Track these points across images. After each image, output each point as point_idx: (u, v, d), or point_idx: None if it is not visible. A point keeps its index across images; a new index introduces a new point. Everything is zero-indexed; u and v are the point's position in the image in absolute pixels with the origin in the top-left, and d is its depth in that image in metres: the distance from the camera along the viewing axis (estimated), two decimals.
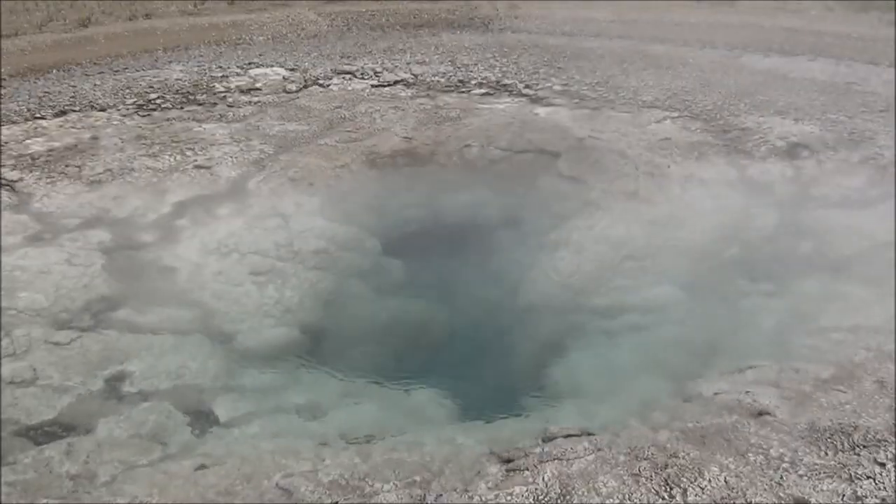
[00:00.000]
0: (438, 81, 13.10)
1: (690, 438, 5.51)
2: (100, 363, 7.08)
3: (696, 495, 4.87)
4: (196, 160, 10.29)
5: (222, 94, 12.46)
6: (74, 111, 11.58)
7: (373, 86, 13.03)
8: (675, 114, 11.78)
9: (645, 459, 5.29)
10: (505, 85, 13.00)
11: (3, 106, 11.61)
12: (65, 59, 13.91)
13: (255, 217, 9.46)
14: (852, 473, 5.00)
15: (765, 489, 4.89)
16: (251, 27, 16.07)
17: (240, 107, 12.03)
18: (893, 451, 5.17)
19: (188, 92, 12.48)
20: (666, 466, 5.19)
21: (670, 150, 10.68)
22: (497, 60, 14.10)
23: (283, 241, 9.16)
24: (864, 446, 5.27)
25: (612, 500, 4.91)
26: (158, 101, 12.05)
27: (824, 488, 4.87)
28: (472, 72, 13.55)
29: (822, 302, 7.86)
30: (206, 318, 8.01)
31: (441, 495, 5.14)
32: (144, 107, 11.85)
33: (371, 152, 10.85)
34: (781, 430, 5.53)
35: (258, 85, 12.94)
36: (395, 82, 13.14)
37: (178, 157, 10.31)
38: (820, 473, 5.01)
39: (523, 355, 8.22)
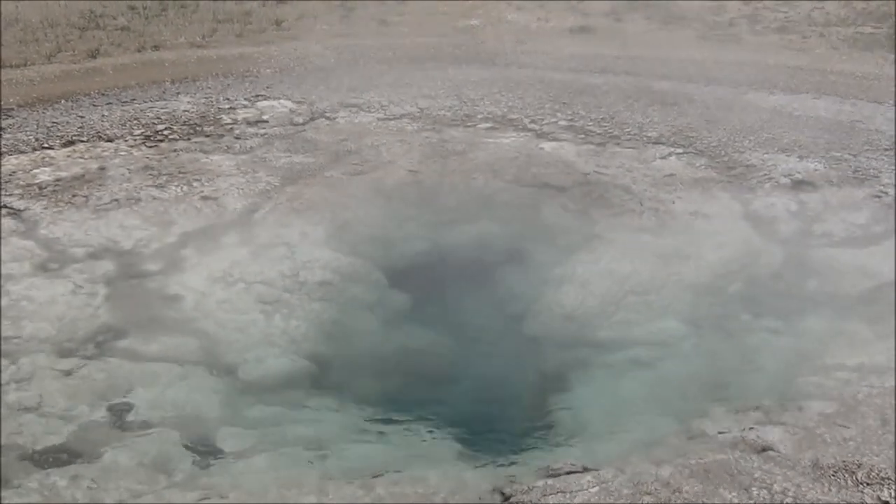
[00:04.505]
0: (444, 115, 13.15)
1: (694, 474, 5.51)
2: (104, 392, 7.10)
3: None
4: (202, 191, 10.34)
5: (229, 126, 12.52)
6: (82, 141, 11.64)
7: (379, 119, 13.06)
8: (680, 150, 11.81)
9: (648, 494, 5.29)
10: (511, 119, 13.04)
11: (11, 136, 11.68)
12: (73, 89, 13.98)
13: (261, 248, 9.49)
14: None
15: None
16: (259, 60, 16.16)
17: (246, 138, 12.08)
18: None
19: (195, 123, 12.54)
20: (669, 502, 5.18)
21: (675, 186, 10.71)
22: (503, 95, 14.15)
23: (288, 271, 9.18)
24: (868, 484, 5.26)
25: None
26: (166, 133, 12.11)
27: None
28: (477, 106, 13.60)
29: (827, 339, 7.86)
30: (211, 347, 8.02)
31: None
32: (152, 138, 11.91)
33: (377, 185, 10.89)
34: (785, 465, 5.52)
35: (265, 117, 12.99)
36: (402, 116, 13.19)
37: (185, 188, 10.36)
38: None
39: (527, 389, 8.23)
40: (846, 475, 5.36)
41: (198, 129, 12.36)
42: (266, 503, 5.60)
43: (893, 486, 5.20)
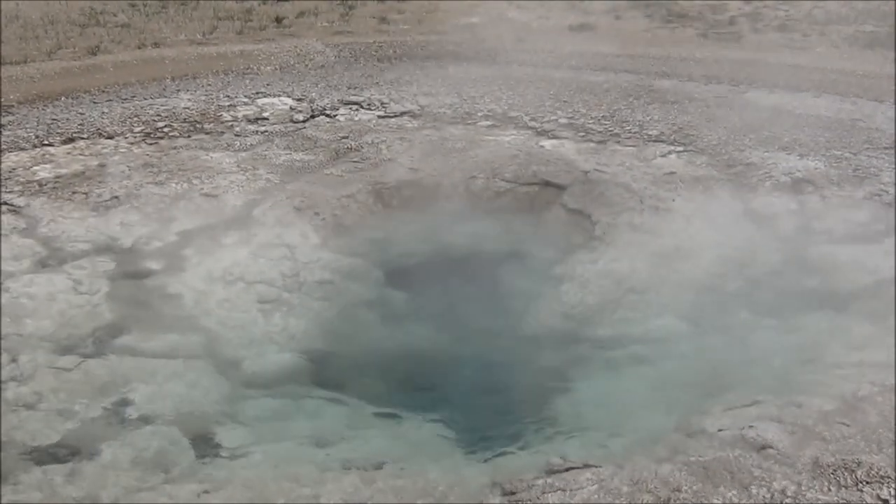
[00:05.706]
0: (445, 113, 13.14)
1: (693, 471, 5.50)
2: (104, 388, 7.10)
3: None
4: (203, 188, 10.33)
5: (229, 123, 12.51)
6: (82, 138, 11.64)
7: (379, 117, 13.06)
8: (681, 148, 11.80)
9: (648, 492, 5.29)
10: (511, 117, 13.03)
11: (11, 133, 11.68)
12: (73, 86, 13.98)
13: (261, 246, 9.48)
14: None
15: None
16: (259, 57, 16.16)
17: (247, 136, 12.07)
18: None
19: (196, 121, 12.54)
20: (669, 500, 5.18)
21: (675, 184, 10.70)
22: (503, 93, 14.14)
23: (288, 270, 9.17)
24: (868, 482, 5.26)
25: None
26: (166, 130, 12.11)
27: None
28: (478, 104, 13.59)
29: (827, 336, 7.85)
30: (210, 344, 8.02)
31: None
32: (152, 135, 11.90)
33: (377, 183, 10.88)
34: (785, 464, 5.52)
35: (265, 114, 12.99)
36: (402, 113, 13.18)
37: (185, 186, 10.36)
38: None
39: (526, 386, 8.21)
40: (846, 473, 5.36)
41: (198, 126, 12.36)
42: (264, 496, 5.60)
43: (893, 485, 5.19)
